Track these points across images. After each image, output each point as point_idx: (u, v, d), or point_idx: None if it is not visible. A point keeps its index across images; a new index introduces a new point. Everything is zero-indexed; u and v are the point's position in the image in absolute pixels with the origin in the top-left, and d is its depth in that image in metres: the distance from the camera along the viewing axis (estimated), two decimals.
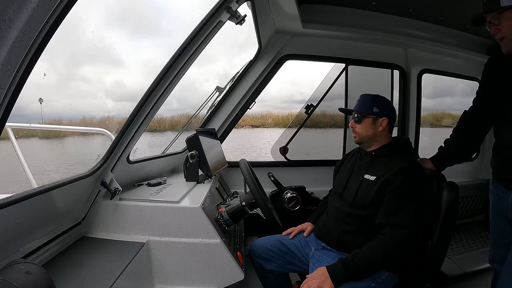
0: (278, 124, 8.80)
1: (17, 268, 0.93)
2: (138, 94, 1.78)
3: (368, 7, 2.87)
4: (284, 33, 2.99)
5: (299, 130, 3.36)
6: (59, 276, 1.38)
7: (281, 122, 20.61)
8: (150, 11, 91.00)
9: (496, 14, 1.81)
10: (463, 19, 2.76)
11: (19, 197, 1.25)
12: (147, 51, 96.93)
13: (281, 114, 28.07)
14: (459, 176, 3.57)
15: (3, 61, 0.78)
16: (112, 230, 1.86)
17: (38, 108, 16.01)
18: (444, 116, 8.60)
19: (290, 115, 5.67)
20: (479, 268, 2.82)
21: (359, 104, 2.10)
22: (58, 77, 36.24)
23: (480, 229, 3.59)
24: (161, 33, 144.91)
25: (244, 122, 27.16)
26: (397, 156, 1.98)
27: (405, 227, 1.73)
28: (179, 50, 1.76)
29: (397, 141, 2.11)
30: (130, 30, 64.64)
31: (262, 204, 1.84)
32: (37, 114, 16.24)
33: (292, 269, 2.28)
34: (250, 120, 27.90)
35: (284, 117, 8.72)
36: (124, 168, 2.04)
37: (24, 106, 0.91)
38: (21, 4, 0.74)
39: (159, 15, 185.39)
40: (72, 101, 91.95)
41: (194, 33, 1.76)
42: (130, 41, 68.26)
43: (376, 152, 2.06)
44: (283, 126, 5.77)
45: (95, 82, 61.77)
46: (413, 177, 1.85)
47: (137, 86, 45.97)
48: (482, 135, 2.23)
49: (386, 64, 3.45)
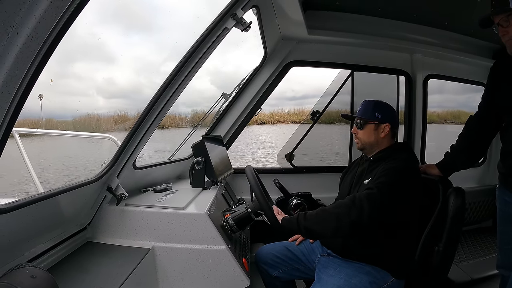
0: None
1: (22, 272, 0.93)
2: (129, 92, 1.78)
3: (373, 13, 2.88)
4: (289, 39, 2.99)
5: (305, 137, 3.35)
6: (64, 280, 1.38)
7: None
8: (142, 8, 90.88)
9: (505, 16, 1.81)
10: (468, 23, 2.77)
11: (25, 202, 1.26)
12: (138, 48, 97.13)
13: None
14: (466, 181, 3.54)
15: (11, 67, 0.79)
16: (117, 236, 1.87)
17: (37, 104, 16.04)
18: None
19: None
20: (487, 274, 2.79)
21: (361, 110, 2.10)
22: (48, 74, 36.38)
23: (488, 235, 3.55)
24: (153, 30, 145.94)
25: (283, 119, 27.30)
26: (395, 156, 1.96)
27: (383, 192, 1.71)
28: (186, 56, 1.76)
29: (395, 145, 2.10)
30: (124, 27, 63.06)
31: (267, 210, 1.83)
32: (36, 112, 16.25)
33: (298, 276, 2.28)
34: (287, 117, 28.00)
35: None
36: (130, 174, 2.04)
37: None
38: (28, 10, 0.75)
39: (151, 12, 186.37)
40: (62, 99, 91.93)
41: (200, 39, 1.77)
42: (122, 37, 67.44)
43: (374, 157, 2.05)
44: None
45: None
46: (400, 170, 1.83)
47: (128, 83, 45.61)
48: (488, 140, 2.22)
49: (391, 70, 3.45)
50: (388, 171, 1.81)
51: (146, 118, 1.79)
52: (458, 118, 6.89)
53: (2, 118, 0.87)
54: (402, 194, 1.76)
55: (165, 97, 1.80)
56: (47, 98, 17.74)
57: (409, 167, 1.87)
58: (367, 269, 1.86)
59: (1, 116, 0.86)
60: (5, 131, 0.91)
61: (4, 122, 0.88)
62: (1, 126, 0.88)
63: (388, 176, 1.79)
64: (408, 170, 1.85)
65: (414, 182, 1.85)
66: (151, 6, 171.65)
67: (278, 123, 26.97)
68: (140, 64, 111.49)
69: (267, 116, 27.60)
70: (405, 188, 1.77)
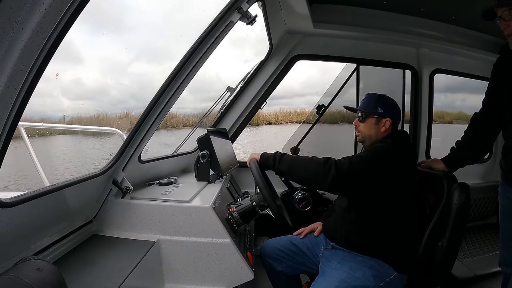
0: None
1: (29, 265, 0.94)
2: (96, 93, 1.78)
3: (380, 6, 2.85)
4: (295, 33, 2.97)
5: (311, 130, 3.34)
6: (70, 273, 1.39)
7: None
8: (110, 7, 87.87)
9: (508, 10, 1.79)
10: (475, 18, 2.73)
11: (31, 195, 1.27)
12: (107, 48, 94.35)
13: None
14: (471, 177, 3.53)
15: (16, 62, 0.80)
16: (123, 229, 1.88)
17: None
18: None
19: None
20: (491, 271, 2.78)
21: (364, 103, 2.10)
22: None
23: (492, 231, 3.52)
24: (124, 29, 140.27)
25: (286, 119, 27.09)
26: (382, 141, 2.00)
27: (353, 162, 1.76)
28: (191, 50, 1.76)
29: (389, 135, 2.07)
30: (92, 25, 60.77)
31: (272, 204, 1.83)
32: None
33: (302, 270, 2.29)
34: (291, 117, 27.81)
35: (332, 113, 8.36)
36: (135, 168, 2.05)
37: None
38: (33, 5, 0.76)
39: (122, 10, 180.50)
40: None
41: (205, 33, 1.77)
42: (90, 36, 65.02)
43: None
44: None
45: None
46: (378, 149, 1.90)
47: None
48: (493, 136, 2.21)
49: (397, 64, 3.42)
50: (365, 151, 1.96)
51: (152, 112, 1.80)
52: (442, 118, 6.84)
53: (8, 113, 0.88)
54: (373, 171, 1.79)
55: (170, 90, 1.80)
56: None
57: (388, 149, 1.89)
58: (371, 262, 1.87)
59: (7, 110, 0.87)
60: (11, 125, 0.91)
61: (10, 117, 0.89)
62: (7, 120, 0.89)
63: (363, 153, 1.93)
64: (385, 152, 1.87)
65: (392, 163, 1.85)
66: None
67: (283, 123, 26.84)
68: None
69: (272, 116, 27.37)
70: (378, 167, 1.80)
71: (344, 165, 1.73)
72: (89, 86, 51.64)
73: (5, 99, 0.84)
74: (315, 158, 1.82)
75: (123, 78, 64.90)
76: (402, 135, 2.07)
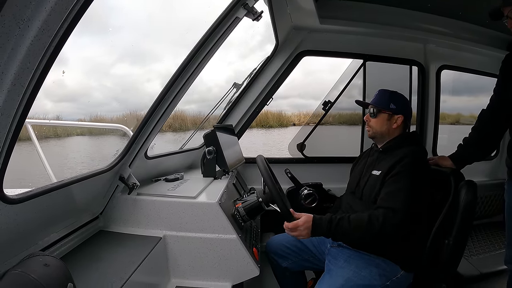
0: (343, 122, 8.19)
1: (36, 261, 0.95)
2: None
3: (386, 2, 2.83)
4: (301, 29, 2.96)
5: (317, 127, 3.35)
6: (76, 269, 1.40)
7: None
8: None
9: None
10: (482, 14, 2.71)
11: (38, 191, 1.28)
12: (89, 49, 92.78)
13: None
14: (477, 175, 3.50)
15: (22, 59, 0.80)
16: (129, 225, 1.89)
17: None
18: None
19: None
20: (497, 269, 2.76)
21: (376, 98, 2.09)
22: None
23: (499, 229, 3.49)
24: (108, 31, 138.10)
25: (307, 120, 26.87)
26: (403, 148, 1.95)
27: (397, 212, 1.71)
28: (196, 46, 1.76)
29: (403, 135, 2.08)
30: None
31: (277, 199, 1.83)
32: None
33: (308, 267, 2.29)
34: (311, 119, 27.59)
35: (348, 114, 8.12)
36: (142, 164, 2.06)
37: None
38: (39, 3, 0.76)
39: (105, 11, 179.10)
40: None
41: (211, 29, 1.76)
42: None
43: (384, 148, 2.06)
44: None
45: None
46: (412, 164, 1.84)
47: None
48: (500, 133, 2.20)
49: (404, 60, 3.39)
50: (399, 181, 1.82)
51: (158, 108, 1.80)
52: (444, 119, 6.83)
53: (15, 110, 0.88)
54: (418, 198, 1.79)
55: (176, 87, 1.80)
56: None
57: (419, 168, 1.88)
58: (377, 261, 1.86)
59: (14, 107, 0.87)
60: (18, 122, 0.92)
61: (17, 114, 0.90)
62: (14, 117, 0.90)
63: (400, 185, 1.81)
64: (419, 172, 1.86)
65: (424, 175, 1.86)
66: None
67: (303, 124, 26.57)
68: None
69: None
70: (419, 186, 1.81)
71: (395, 200, 1.75)
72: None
73: (12, 96, 0.84)
74: (364, 216, 1.77)
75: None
76: (416, 139, 2.11)
